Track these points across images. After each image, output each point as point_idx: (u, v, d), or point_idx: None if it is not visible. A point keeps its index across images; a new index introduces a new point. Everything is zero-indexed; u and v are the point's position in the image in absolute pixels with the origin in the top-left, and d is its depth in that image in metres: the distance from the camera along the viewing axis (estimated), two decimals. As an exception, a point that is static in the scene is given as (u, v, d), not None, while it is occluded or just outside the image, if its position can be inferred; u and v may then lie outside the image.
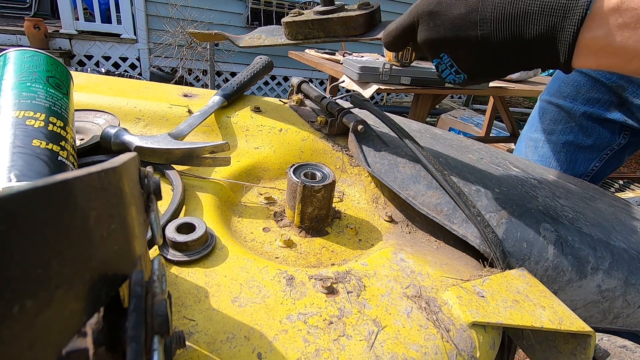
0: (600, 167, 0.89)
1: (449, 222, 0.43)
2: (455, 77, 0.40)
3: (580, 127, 0.87)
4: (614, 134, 0.85)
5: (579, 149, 0.89)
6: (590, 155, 0.89)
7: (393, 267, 0.37)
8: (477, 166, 0.55)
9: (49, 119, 0.36)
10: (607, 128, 0.85)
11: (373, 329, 0.29)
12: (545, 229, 0.42)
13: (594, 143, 0.87)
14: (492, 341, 0.33)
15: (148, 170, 0.25)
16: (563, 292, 0.42)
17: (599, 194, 0.69)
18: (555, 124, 0.91)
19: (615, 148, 0.87)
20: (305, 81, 0.72)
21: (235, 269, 0.33)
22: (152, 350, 0.16)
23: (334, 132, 0.60)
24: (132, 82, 0.67)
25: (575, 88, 0.87)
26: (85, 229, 0.14)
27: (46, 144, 0.34)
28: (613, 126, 0.85)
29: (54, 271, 0.12)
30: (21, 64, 0.39)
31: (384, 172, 0.49)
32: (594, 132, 0.86)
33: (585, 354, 0.34)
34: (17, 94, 0.36)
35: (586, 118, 0.86)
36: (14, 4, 4.58)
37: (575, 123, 0.88)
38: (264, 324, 0.28)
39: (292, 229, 0.44)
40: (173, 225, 0.34)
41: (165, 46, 3.83)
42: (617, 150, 0.87)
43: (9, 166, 0.30)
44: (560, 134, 0.90)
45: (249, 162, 0.52)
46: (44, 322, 0.12)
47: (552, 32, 0.33)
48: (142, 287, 0.18)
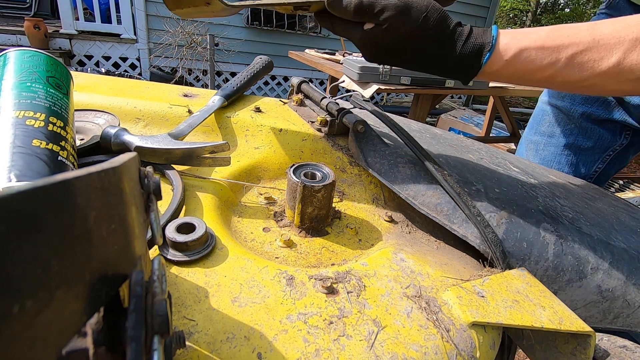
0: (603, 168, 0.88)
1: (449, 222, 0.43)
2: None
3: (580, 129, 0.87)
4: (614, 135, 0.84)
5: (580, 151, 0.88)
6: (592, 157, 0.88)
7: (393, 267, 0.37)
8: (477, 166, 0.55)
9: (49, 119, 0.36)
10: (607, 129, 0.84)
11: (373, 329, 0.29)
12: (545, 229, 0.42)
13: (595, 144, 0.86)
14: (492, 341, 0.33)
15: (148, 170, 0.25)
16: (563, 292, 0.42)
17: (599, 194, 0.69)
18: (555, 126, 0.90)
19: (618, 149, 0.86)
20: (305, 81, 0.72)
21: (235, 269, 0.33)
22: (152, 350, 0.16)
23: (334, 132, 0.60)
24: (132, 82, 0.67)
25: None
26: (85, 229, 0.14)
27: (46, 144, 0.34)
28: (614, 126, 0.84)
29: (54, 271, 0.12)
30: (21, 64, 0.39)
31: (384, 172, 0.49)
32: (594, 134, 0.86)
33: (585, 354, 0.34)
34: (17, 94, 0.36)
35: (585, 119, 0.85)
36: (14, 4, 4.58)
37: (575, 125, 0.87)
38: (264, 324, 0.28)
39: (292, 229, 0.44)
40: (173, 225, 0.34)
41: (165, 46, 3.83)
42: (620, 151, 0.86)
43: (9, 166, 0.30)
44: (560, 136, 0.90)
45: (249, 162, 0.52)
46: (44, 322, 0.12)
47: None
48: (142, 287, 0.18)
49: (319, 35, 4.43)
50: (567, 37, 0.41)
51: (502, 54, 0.42)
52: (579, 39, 0.40)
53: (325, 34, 4.45)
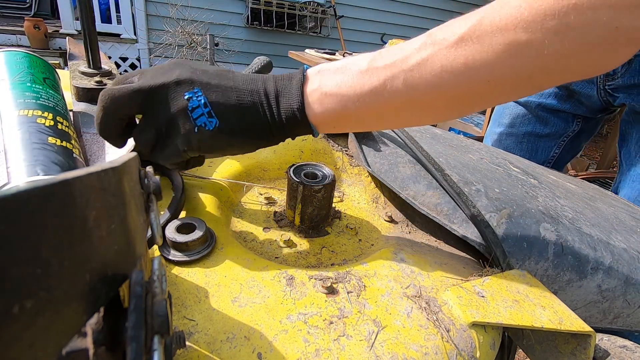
0: (559, 153, 1.00)
1: (449, 222, 0.43)
2: (207, 120, 0.34)
3: (537, 118, 0.98)
4: (567, 122, 0.96)
5: (538, 138, 0.99)
6: (549, 143, 0.99)
7: (393, 267, 0.37)
8: (477, 166, 0.55)
9: (56, 118, 0.36)
10: (560, 117, 0.95)
11: (373, 329, 0.29)
12: (545, 229, 0.42)
13: (551, 132, 0.97)
14: (492, 341, 0.33)
15: (148, 170, 0.25)
16: (563, 292, 0.42)
17: (599, 194, 0.69)
18: (515, 118, 1.01)
19: (571, 134, 0.97)
20: (305, 81, 0.72)
21: (235, 269, 0.33)
22: (152, 350, 0.16)
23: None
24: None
25: None
26: (85, 229, 0.14)
27: (60, 141, 0.34)
28: (566, 116, 0.95)
29: (54, 271, 0.12)
30: (16, 65, 0.39)
31: (384, 172, 0.49)
32: (549, 122, 0.97)
33: (585, 354, 0.34)
34: (19, 93, 0.36)
35: (541, 109, 0.96)
36: (14, 4, 4.57)
37: (532, 114, 0.98)
38: (264, 324, 0.28)
39: (292, 229, 0.44)
40: (173, 225, 0.34)
41: (165, 46, 3.83)
42: (573, 137, 0.98)
43: (33, 161, 0.30)
44: (520, 126, 1.00)
45: (249, 162, 0.52)
46: (44, 322, 0.12)
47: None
48: (142, 287, 0.18)
49: (319, 35, 4.43)
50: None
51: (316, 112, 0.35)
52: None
53: (325, 34, 4.45)
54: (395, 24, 4.65)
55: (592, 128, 0.98)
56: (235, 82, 0.36)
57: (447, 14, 4.69)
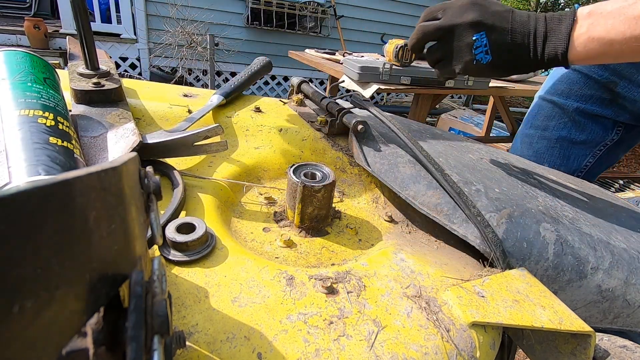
0: (594, 163, 0.90)
1: (449, 222, 0.43)
2: (484, 56, 0.48)
3: (573, 123, 0.89)
4: (606, 130, 0.86)
5: (572, 144, 0.90)
6: (584, 151, 0.90)
7: (393, 267, 0.37)
8: (477, 166, 0.55)
9: (57, 119, 0.36)
10: (599, 124, 0.87)
11: (373, 329, 0.29)
12: (545, 229, 0.42)
13: (587, 139, 0.88)
14: (492, 341, 0.33)
15: (148, 170, 0.25)
16: (563, 292, 0.42)
17: (599, 194, 0.69)
18: (549, 120, 0.92)
19: (609, 144, 0.88)
20: (305, 81, 0.72)
21: (235, 269, 0.33)
22: (152, 350, 0.16)
23: (334, 132, 0.60)
24: (132, 82, 0.67)
25: (568, 85, 0.88)
26: (85, 229, 0.14)
27: (61, 141, 0.34)
28: (606, 122, 0.86)
29: (54, 271, 0.12)
30: (16, 64, 0.39)
31: (384, 172, 0.49)
32: (586, 128, 0.88)
33: (585, 354, 0.34)
34: (19, 93, 0.36)
35: (579, 114, 0.87)
36: (14, 4, 4.57)
37: (569, 119, 0.89)
38: (264, 324, 0.28)
39: (292, 229, 0.44)
40: (173, 225, 0.34)
41: (165, 46, 3.83)
42: (611, 147, 0.88)
43: (35, 161, 0.30)
44: (553, 129, 0.92)
45: (249, 162, 0.52)
46: (44, 322, 0.12)
47: (550, 32, 0.46)
48: (142, 287, 0.18)
49: (319, 35, 4.43)
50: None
51: (579, 49, 0.42)
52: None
53: (325, 34, 4.45)
54: (395, 24, 4.65)
55: (634, 138, 0.88)
56: (513, 24, 0.46)
57: (447, 14, 4.67)
